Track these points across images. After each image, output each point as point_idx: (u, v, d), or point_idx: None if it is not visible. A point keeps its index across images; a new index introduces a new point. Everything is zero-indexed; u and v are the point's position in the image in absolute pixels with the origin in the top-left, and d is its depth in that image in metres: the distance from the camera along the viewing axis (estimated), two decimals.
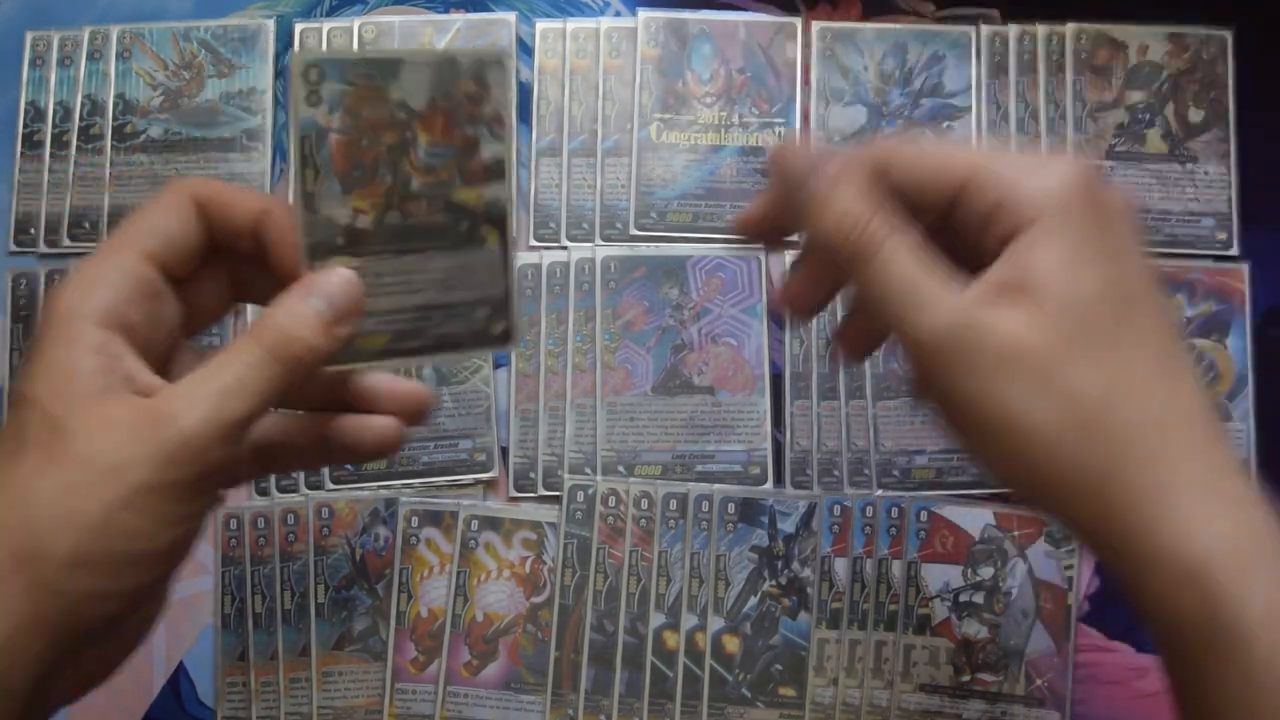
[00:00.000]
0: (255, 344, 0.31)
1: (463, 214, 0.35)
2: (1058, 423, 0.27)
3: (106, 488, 0.28)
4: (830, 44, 0.55)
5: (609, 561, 0.50)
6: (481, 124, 0.34)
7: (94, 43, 0.56)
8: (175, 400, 0.30)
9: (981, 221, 0.29)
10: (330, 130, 0.33)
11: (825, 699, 0.49)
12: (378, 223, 0.34)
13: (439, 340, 0.35)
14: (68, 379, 0.29)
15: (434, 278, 0.35)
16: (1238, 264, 0.53)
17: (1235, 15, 0.55)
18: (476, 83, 0.34)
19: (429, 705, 0.50)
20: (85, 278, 0.31)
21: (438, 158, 0.34)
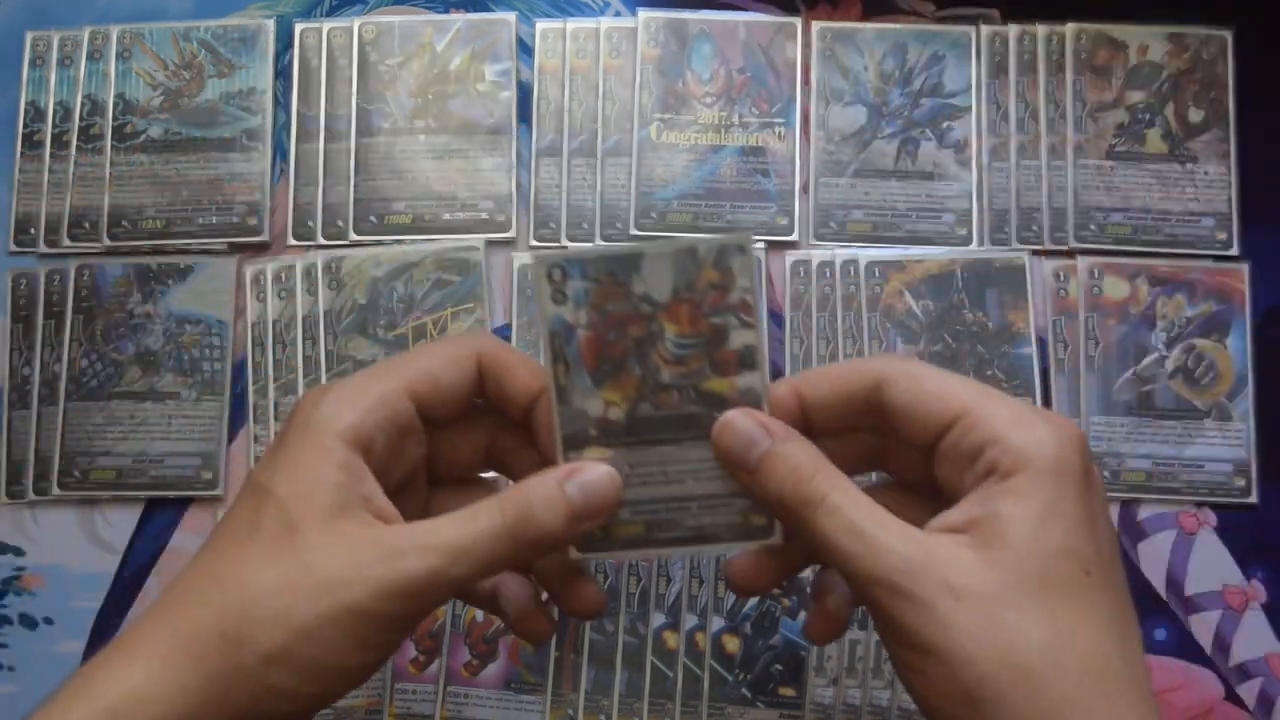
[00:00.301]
0: (499, 512, 0.32)
1: (716, 403, 0.34)
2: (995, 660, 0.28)
3: (321, 599, 0.30)
4: (830, 44, 0.55)
5: (609, 561, 0.50)
6: (728, 312, 0.34)
7: (94, 43, 0.56)
8: (407, 540, 0.31)
9: (965, 456, 0.31)
10: (578, 327, 0.34)
11: (825, 699, 0.49)
12: (630, 415, 0.34)
13: (695, 532, 0.35)
14: (311, 485, 0.31)
15: (690, 468, 0.34)
16: (1238, 264, 0.53)
17: (1235, 15, 0.55)
18: (719, 271, 0.33)
19: (429, 705, 0.50)
20: (345, 393, 0.32)
21: (686, 348, 0.34)
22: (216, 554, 0.31)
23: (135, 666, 0.29)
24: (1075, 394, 0.52)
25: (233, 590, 0.30)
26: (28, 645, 0.52)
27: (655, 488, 0.34)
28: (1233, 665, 0.50)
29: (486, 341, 0.35)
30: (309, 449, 0.31)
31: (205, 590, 0.30)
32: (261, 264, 0.54)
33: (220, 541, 0.32)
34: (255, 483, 0.32)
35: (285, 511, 0.30)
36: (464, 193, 0.54)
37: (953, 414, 0.31)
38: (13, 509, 0.52)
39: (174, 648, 0.29)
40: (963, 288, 0.53)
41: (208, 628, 0.29)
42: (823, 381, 0.34)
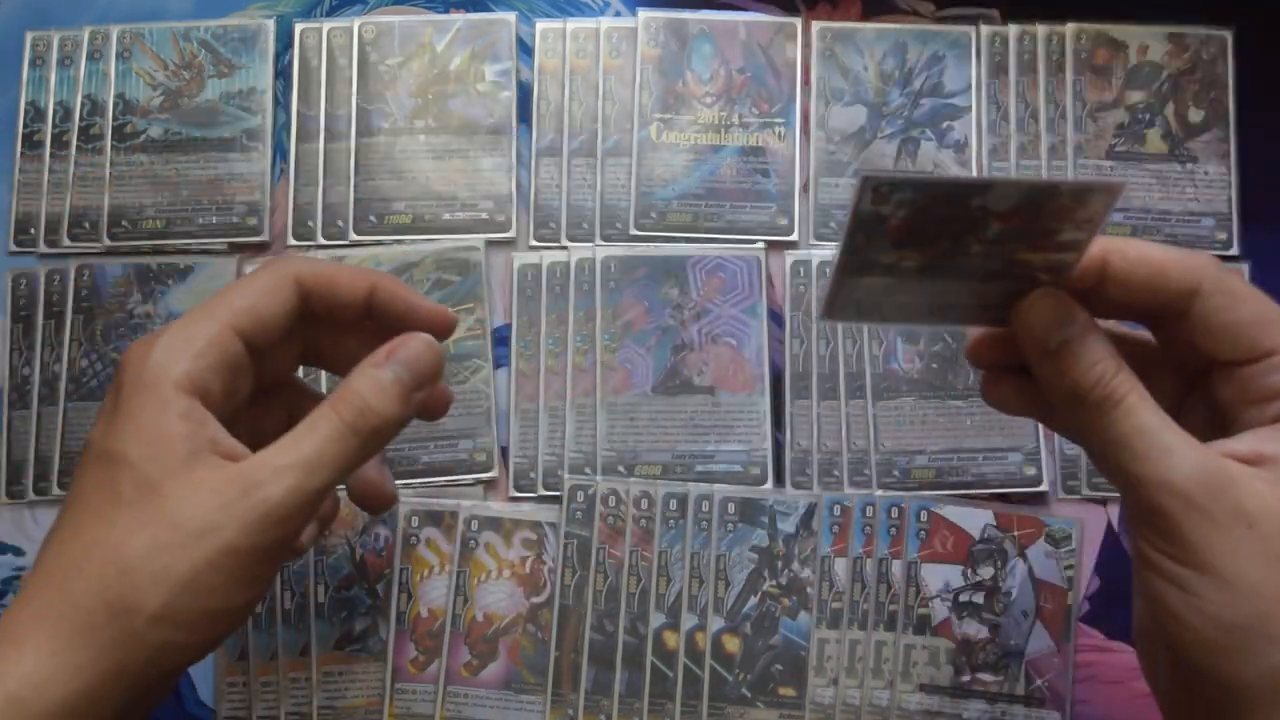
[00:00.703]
0: (336, 416, 0.33)
1: (1022, 267, 0.31)
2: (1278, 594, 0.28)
3: (196, 549, 0.30)
4: (830, 44, 0.55)
5: (609, 561, 0.50)
6: (1069, 224, 0.30)
7: (94, 43, 0.56)
8: (261, 470, 0.31)
9: (1266, 391, 0.31)
10: (893, 216, 0.30)
11: (825, 699, 0.49)
12: (924, 265, 0.32)
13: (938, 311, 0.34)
14: (160, 443, 0.31)
15: (967, 299, 0.33)
16: (1238, 264, 0.53)
17: (1235, 15, 0.55)
18: (1074, 200, 0.30)
19: (429, 705, 0.50)
20: (173, 342, 0.32)
21: (1010, 236, 0.31)
22: (80, 528, 0.31)
23: (25, 652, 0.29)
24: None
25: (109, 561, 0.30)
26: None
27: (921, 302, 0.33)
28: None
29: (298, 263, 0.35)
30: (149, 405, 0.31)
31: (80, 565, 0.30)
32: (261, 264, 0.54)
33: (80, 515, 0.31)
34: (100, 449, 0.32)
35: (139, 472, 0.31)
36: (464, 193, 0.54)
37: (1266, 348, 0.31)
38: (13, 509, 0.52)
39: (61, 627, 0.30)
40: None
41: (91, 602, 0.30)
42: (1137, 262, 0.32)
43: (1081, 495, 0.51)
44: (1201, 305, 0.31)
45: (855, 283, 0.32)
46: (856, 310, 0.34)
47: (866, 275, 0.32)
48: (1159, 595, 0.30)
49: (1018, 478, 0.51)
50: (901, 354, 0.52)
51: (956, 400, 0.52)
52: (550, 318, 0.53)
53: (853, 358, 0.52)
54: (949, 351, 0.52)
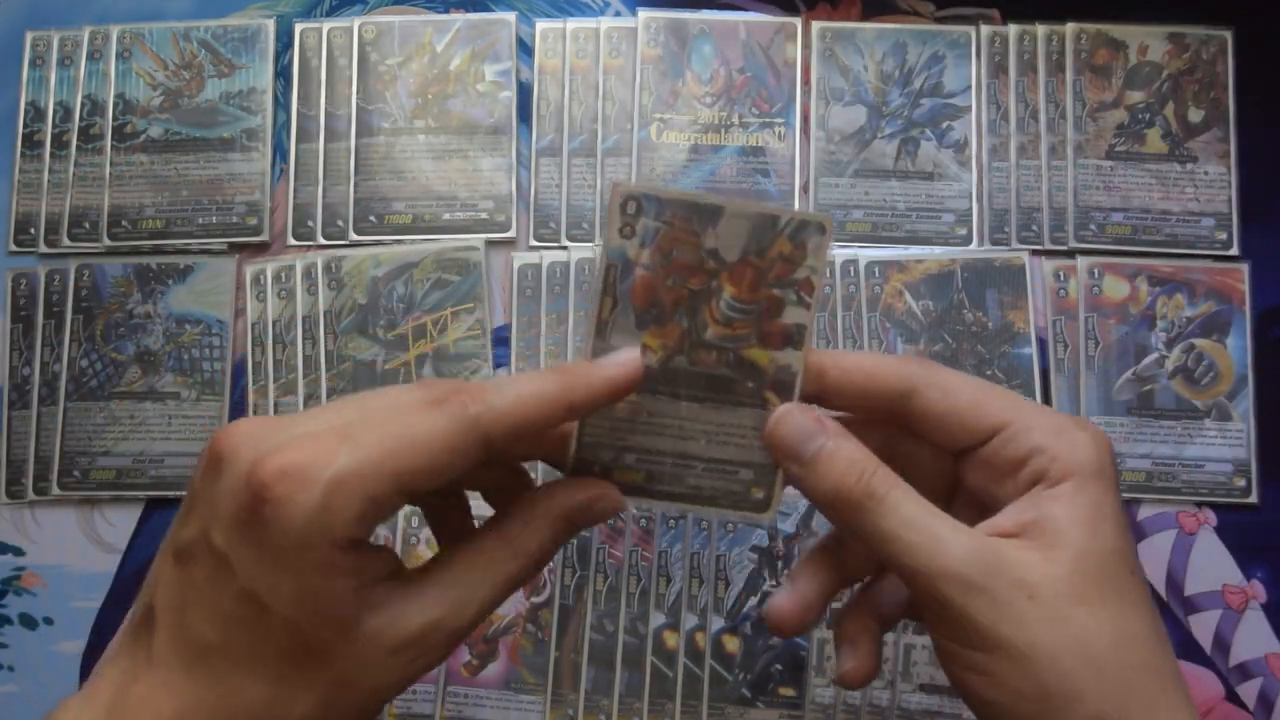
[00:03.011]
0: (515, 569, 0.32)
1: (751, 373, 0.33)
2: (1072, 655, 0.29)
3: (367, 708, 0.30)
4: (830, 44, 0.55)
5: (609, 561, 0.50)
6: (790, 287, 0.33)
7: (94, 43, 0.56)
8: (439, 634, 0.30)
9: (1006, 465, 0.32)
10: (637, 265, 0.33)
11: (825, 699, 0.49)
12: (663, 364, 0.33)
13: (694, 491, 0.34)
14: (326, 605, 0.29)
15: (705, 429, 0.34)
16: (1238, 264, 0.53)
17: (1235, 15, 0.55)
18: (794, 244, 0.33)
19: (429, 705, 0.50)
20: (336, 501, 0.28)
21: (738, 313, 0.33)
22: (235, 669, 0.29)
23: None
24: (1075, 394, 0.52)
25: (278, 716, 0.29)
26: (28, 645, 0.52)
27: (666, 440, 0.34)
28: (1233, 665, 0.50)
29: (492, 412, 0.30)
30: (310, 568, 0.28)
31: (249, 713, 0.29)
32: (261, 264, 0.54)
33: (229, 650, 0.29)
34: (246, 590, 0.28)
35: (301, 633, 0.29)
36: (464, 193, 0.54)
37: (991, 427, 0.32)
38: (13, 509, 0.52)
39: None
40: (963, 288, 0.53)
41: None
42: (853, 372, 0.33)
43: None
44: (919, 403, 0.32)
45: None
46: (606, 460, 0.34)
47: None
48: (961, 682, 0.30)
49: None
50: (901, 354, 0.52)
51: None
52: (550, 318, 0.53)
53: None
54: (949, 352, 0.52)
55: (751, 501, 0.34)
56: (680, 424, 0.34)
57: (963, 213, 0.54)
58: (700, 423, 0.34)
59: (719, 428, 0.34)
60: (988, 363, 0.52)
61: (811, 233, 0.33)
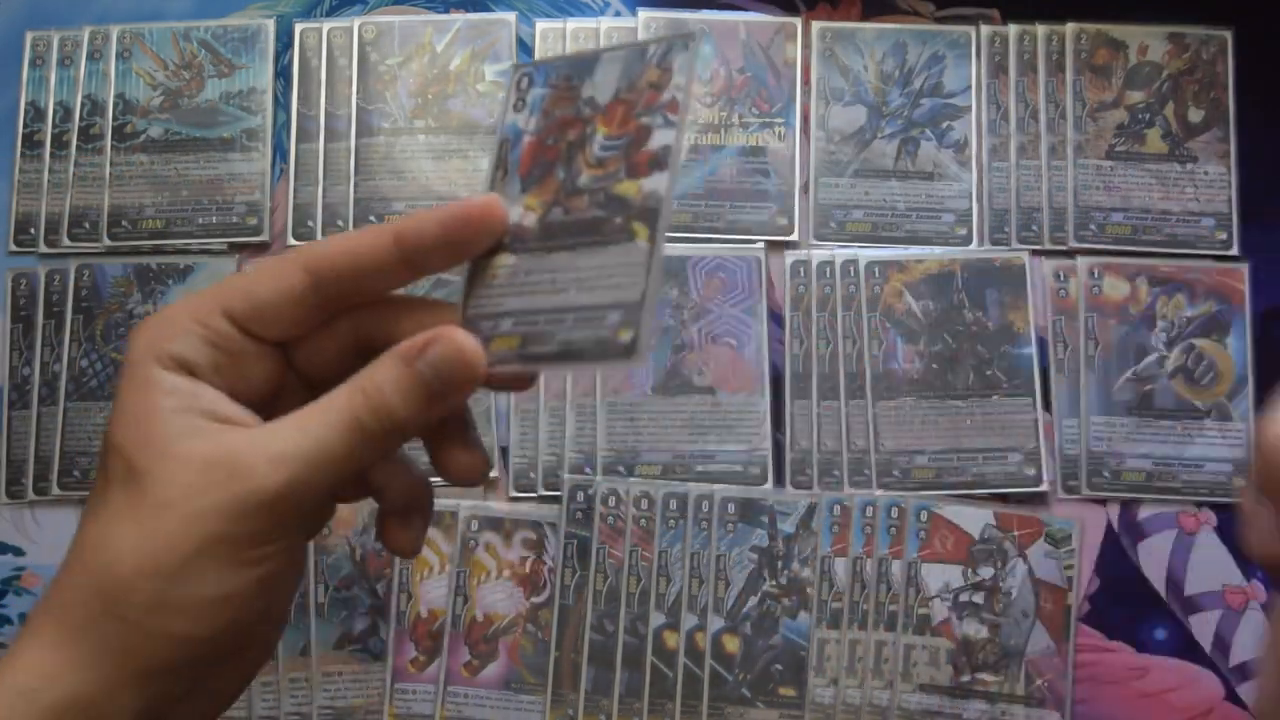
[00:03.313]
0: (349, 407, 0.30)
1: (620, 207, 0.32)
2: None
3: (181, 536, 0.28)
4: (830, 44, 0.55)
5: (609, 561, 0.50)
6: (657, 112, 0.31)
7: (94, 43, 0.56)
8: (254, 454, 0.29)
9: None
10: (525, 133, 0.33)
11: (825, 699, 0.49)
12: (542, 220, 0.32)
13: (564, 347, 0.31)
14: (145, 423, 0.30)
15: (575, 277, 0.32)
16: (1238, 264, 0.53)
17: (1235, 15, 0.55)
18: (661, 69, 0.32)
19: (429, 705, 0.50)
20: (155, 322, 0.31)
21: (610, 150, 0.32)
22: (83, 522, 0.30)
23: (36, 645, 0.29)
24: (1075, 394, 0.52)
25: (99, 551, 0.29)
26: None
27: (540, 297, 0.32)
28: (1233, 665, 0.50)
29: (310, 247, 0.32)
30: (134, 389, 0.30)
31: (79, 558, 0.30)
32: None
33: (86, 509, 0.31)
34: (105, 441, 0.31)
35: (127, 457, 0.29)
36: (464, 192, 0.54)
37: None
38: (13, 509, 0.52)
39: (65, 621, 0.29)
40: (963, 287, 0.53)
41: (87, 596, 0.29)
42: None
43: (1081, 495, 0.51)
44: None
45: (484, 268, 0.33)
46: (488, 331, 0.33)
47: (495, 252, 0.33)
48: None
49: (1018, 478, 0.51)
50: (901, 354, 0.52)
51: (956, 400, 0.52)
52: None
53: (853, 358, 0.52)
54: (949, 351, 0.52)
55: (619, 345, 0.31)
56: (553, 277, 0.32)
57: (963, 213, 0.54)
58: (571, 271, 0.32)
59: (589, 271, 0.32)
60: (988, 363, 0.52)
61: (677, 51, 0.32)
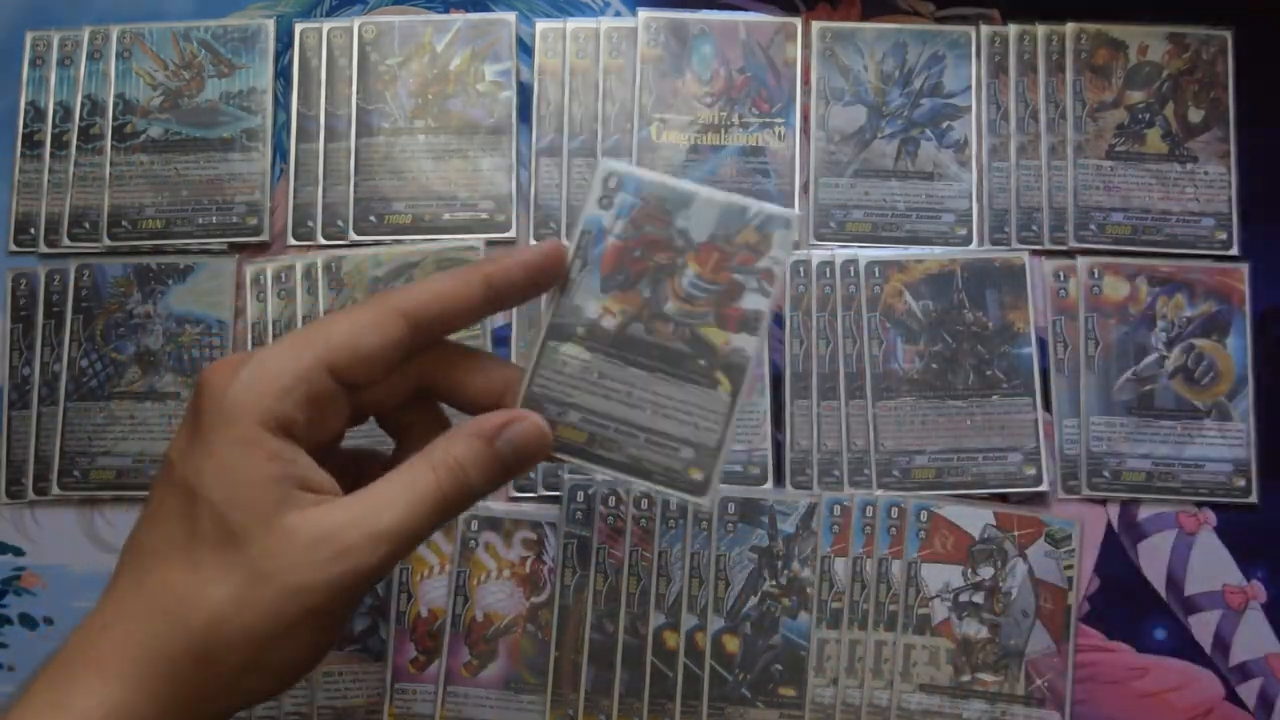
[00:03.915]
0: (435, 483, 0.32)
1: (705, 351, 0.35)
2: None
3: (286, 607, 0.29)
4: (830, 44, 0.55)
5: (609, 561, 0.50)
6: (752, 275, 0.35)
7: (94, 43, 0.56)
8: (357, 531, 0.30)
9: None
10: (610, 234, 0.35)
11: (825, 699, 0.49)
12: (621, 328, 0.35)
13: (633, 461, 0.35)
14: (245, 487, 0.30)
15: (653, 400, 0.35)
16: (1238, 264, 0.53)
17: (1235, 15, 0.55)
18: (760, 235, 0.35)
19: (429, 705, 0.50)
20: (258, 373, 0.31)
21: (700, 290, 0.35)
22: (160, 561, 0.30)
23: (109, 681, 0.29)
24: (1075, 394, 0.52)
25: (193, 607, 0.30)
26: (28, 645, 0.52)
27: (614, 405, 0.35)
28: (1233, 665, 0.50)
29: (400, 296, 0.33)
30: (232, 443, 0.30)
31: (164, 606, 0.30)
32: (261, 264, 0.54)
33: (160, 547, 0.31)
34: (180, 477, 0.30)
35: (222, 515, 0.30)
36: (464, 193, 0.54)
37: None
38: (13, 509, 0.52)
39: (145, 666, 0.29)
40: (963, 288, 0.53)
41: (176, 648, 0.29)
42: None
43: (1081, 495, 0.51)
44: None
45: (555, 353, 0.35)
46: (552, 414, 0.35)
47: (568, 341, 0.35)
48: None
49: (1018, 478, 0.51)
50: (901, 354, 0.52)
51: (956, 400, 0.52)
52: None
53: (853, 358, 0.52)
54: (949, 351, 0.52)
55: (689, 482, 0.35)
56: (629, 390, 0.35)
57: (963, 213, 0.54)
58: (649, 392, 0.35)
59: (667, 400, 0.35)
60: (988, 363, 0.52)
61: (777, 226, 0.35)
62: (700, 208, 0.35)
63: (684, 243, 0.35)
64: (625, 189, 0.35)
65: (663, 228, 0.35)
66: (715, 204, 0.35)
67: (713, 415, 0.35)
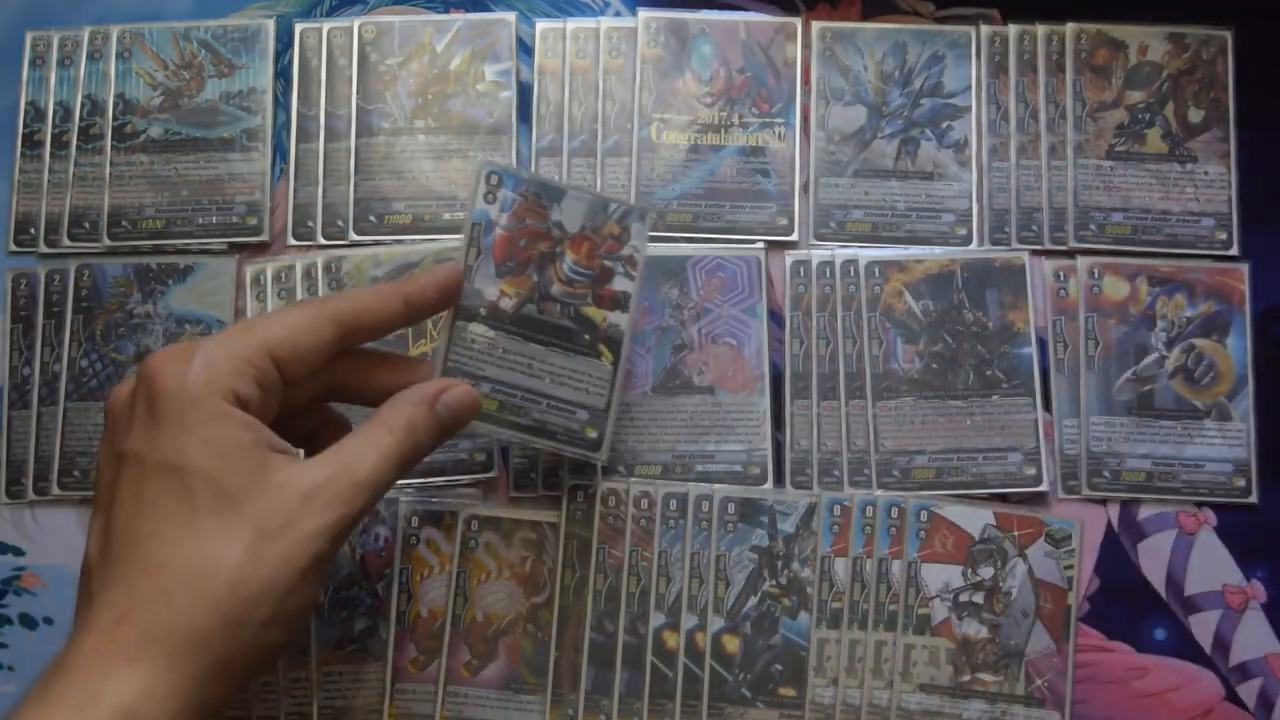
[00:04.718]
0: (391, 438, 0.36)
1: (589, 327, 0.42)
2: None
3: (296, 556, 0.32)
4: (830, 44, 0.55)
5: (609, 561, 0.50)
6: (618, 261, 0.42)
7: (94, 43, 0.56)
8: (343, 480, 0.34)
9: None
10: (497, 225, 0.42)
11: (825, 699, 0.49)
12: (517, 308, 0.41)
13: (538, 424, 0.42)
14: (232, 454, 0.33)
15: (549, 370, 0.42)
16: (1238, 264, 0.53)
17: (1235, 15, 0.55)
18: (620, 227, 0.42)
19: (429, 705, 0.50)
20: (214, 357, 0.34)
21: (578, 275, 0.42)
22: (165, 542, 0.31)
23: (142, 670, 0.30)
24: (1075, 394, 0.52)
25: (214, 575, 0.31)
26: (28, 645, 0.52)
27: (518, 375, 0.41)
28: (1233, 665, 0.50)
29: (334, 302, 0.38)
30: (207, 418, 0.33)
31: (184, 582, 0.31)
32: (261, 264, 0.54)
33: (160, 528, 0.32)
34: (158, 464, 0.32)
35: (219, 485, 0.32)
36: (464, 193, 0.54)
37: None
38: (13, 509, 0.52)
39: (178, 644, 0.30)
40: (963, 288, 0.53)
41: (207, 618, 0.30)
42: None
43: (1081, 495, 0.51)
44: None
45: (464, 331, 0.41)
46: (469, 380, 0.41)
47: (474, 320, 0.41)
48: None
49: (1018, 478, 0.51)
50: (901, 354, 0.52)
51: (956, 400, 0.52)
52: None
53: (853, 358, 0.52)
54: (949, 351, 0.52)
55: (586, 440, 0.43)
56: (529, 362, 0.41)
57: (963, 213, 0.54)
58: (546, 364, 0.42)
59: (561, 370, 0.42)
60: (988, 363, 0.52)
61: (634, 219, 0.42)
62: (570, 202, 0.41)
63: (560, 233, 0.41)
64: (505, 185, 0.41)
65: (541, 220, 0.41)
66: (582, 200, 0.42)
67: (600, 382, 0.42)
